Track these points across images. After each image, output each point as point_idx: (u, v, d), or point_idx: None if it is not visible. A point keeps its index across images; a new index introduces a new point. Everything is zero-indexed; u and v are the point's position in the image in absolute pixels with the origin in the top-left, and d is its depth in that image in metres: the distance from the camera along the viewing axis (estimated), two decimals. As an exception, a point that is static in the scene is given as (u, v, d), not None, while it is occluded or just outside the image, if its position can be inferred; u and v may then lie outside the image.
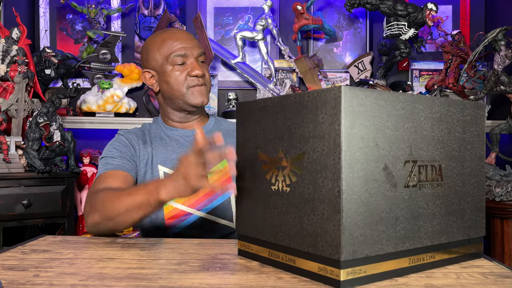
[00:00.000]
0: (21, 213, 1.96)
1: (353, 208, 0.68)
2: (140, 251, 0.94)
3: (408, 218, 0.76)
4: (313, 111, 0.72)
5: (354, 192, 0.68)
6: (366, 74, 2.67)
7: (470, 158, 0.87)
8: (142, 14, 2.77)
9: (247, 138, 0.87)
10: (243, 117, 0.88)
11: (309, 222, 0.72)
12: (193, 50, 1.27)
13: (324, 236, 0.70)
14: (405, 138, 0.76)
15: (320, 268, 0.72)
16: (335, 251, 0.68)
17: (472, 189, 0.88)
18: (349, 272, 0.69)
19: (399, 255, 0.76)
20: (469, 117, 0.87)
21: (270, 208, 0.81)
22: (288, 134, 0.77)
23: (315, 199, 0.71)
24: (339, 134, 0.67)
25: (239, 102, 0.89)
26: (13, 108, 2.07)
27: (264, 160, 0.82)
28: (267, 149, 0.81)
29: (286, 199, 0.77)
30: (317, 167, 0.71)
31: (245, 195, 0.87)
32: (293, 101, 0.76)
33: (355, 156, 0.69)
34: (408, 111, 0.76)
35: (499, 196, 1.99)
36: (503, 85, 2.19)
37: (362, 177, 0.70)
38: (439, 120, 0.81)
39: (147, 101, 2.66)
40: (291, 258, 0.78)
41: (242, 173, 0.88)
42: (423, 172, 0.78)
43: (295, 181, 0.75)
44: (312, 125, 0.72)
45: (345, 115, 0.68)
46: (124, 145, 1.26)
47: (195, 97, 1.27)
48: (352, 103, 0.69)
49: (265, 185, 0.82)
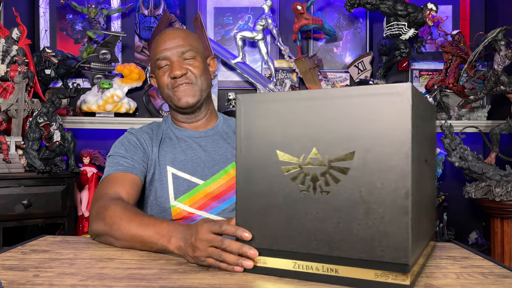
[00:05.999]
0: (21, 213, 1.96)
1: (415, 208, 0.66)
2: (140, 251, 0.94)
3: (422, 214, 0.76)
4: (364, 107, 0.67)
5: (414, 192, 0.66)
6: (366, 74, 2.67)
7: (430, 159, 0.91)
8: (142, 14, 2.77)
9: (256, 137, 0.76)
10: (248, 112, 0.77)
11: (360, 227, 0.67)
12: (175, 49, 1.25)
13: (384, 240, 0.65)
14: (423, 139, 0.75)
15: (378, 275, 0.66)
16: (401, 255, 0.64)
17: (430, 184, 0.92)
18: (411, 275, 0.66)
19: (420, 254, 0.75)
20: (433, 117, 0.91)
21: (298, 214, 0.72)
22: (325, 132, 0.69)
23: (371, 201, 0.66)
24: (408, 132, 0.64)
25: (242, 95, 0.78)
26: (13, 108, 2.07)
27: (287, 161, 0.73)
28: (291, 148, 0.72)
29: (325, 204, 0.70)
30: (373, 167, 0.66)
31: (253, 202, 0.76)
32: (332, 96, 0.70)
33: (414, 156, 0.66)
34: (420, 110, 0.74)
35: (499, 196, 1.99)
36: (503, 85, 2.19)
37: (416, 176, 0.67)
38: (424, 118, 0.83)
39: (147, 101, 2.66)
40: (332, 268, 0.70)
41: (246, 177, 0.77)
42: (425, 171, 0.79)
43: (340, 184, 0.68)
44: (363, 123, 0.67)
45: (412, 113, 0.64)
46: (134, 145, 1.24)
47: (179, 98, 1.25)
48: (414, 100, 0.65)
49: (289, 189, 0.73)
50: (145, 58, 2.75)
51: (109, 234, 0.99)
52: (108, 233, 0.99)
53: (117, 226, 0.97)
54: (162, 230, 0.90)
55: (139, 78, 2.60)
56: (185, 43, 1.26)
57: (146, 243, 0.92)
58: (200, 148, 1.28)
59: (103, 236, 1.02)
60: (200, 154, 1.26)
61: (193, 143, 1.29)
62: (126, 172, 1.17)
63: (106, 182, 1.16)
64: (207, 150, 1.28)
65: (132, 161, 1.20)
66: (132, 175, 1.18)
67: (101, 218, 1.02)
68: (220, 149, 1.28)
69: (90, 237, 1.09)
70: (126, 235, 0.95)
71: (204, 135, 1.31)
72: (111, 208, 1.02)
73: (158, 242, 0.89)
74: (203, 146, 1.28)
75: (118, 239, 0.97)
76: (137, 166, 1.20)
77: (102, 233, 1.01)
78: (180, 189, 1.21)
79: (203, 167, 1.24)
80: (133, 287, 0.70)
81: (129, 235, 0.95)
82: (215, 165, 1.25)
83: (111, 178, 1.16)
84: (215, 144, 1.30)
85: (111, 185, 1.14)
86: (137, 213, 1.00)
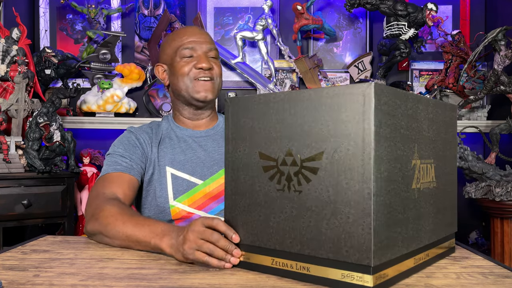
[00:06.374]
0: (21, 213, 1.96)
1: (381, 210, 0.65)
2: (140, 251, 0.94)
3: (415, 218, 0.75)
4: (334, 108, 0.67)
5: (381, 193, 0.65)
6: (366, 74, 2.67)
7: (449, 158, 0.89)
8: (142, 14, 2.77)
9: (241, 137, 0.79)
10: (235, 113, 0.80)
11: (328, 227, 0.67)
12: (202, 44, 1.27)
13: (349, 240, 0.65)
14: (413, 138, 0.74)
15: (344, 275, 0.66)
16: (364, 256, 0.64)
17: (451, 187, 0.89)
18: (377, 277, 0.65)
19: (408, 256, 0.74)
20: (448, 119, 0.88)
21: (275, 212, 0.74)
22: (300, 133, 0.71)
23: (337, 201, 0.66)
24: (370, 133, 0.63)
25: (230, 97, 0.83)
26: (13, 108, 2.07)
27: (266, 160, 0.75)
28: (270, 148, 0.75)
29: (298, 203, 0.71)
30: (339, 167, 0.66)
31: (238, 200, 0.80)
32: (307, 97, 0.70)
33: (381, 156, 0.65)
34: (414, 111, 0.75)
35: (499, 196, 1.99)
36: (503, 85, 2.19)
37: (386, 178, 0.66)
38: (432, 121, 0.81)
39: (147, 101, 2.66)
40: (304, 266, 0.71)
41: (233, 175, 0.80)
42: (423, 172, 0.78)
43: (310, 183, 0.69)
44: (333, 123, 0.67)
45: (375, 113, 0.64)
46: (133, 144, 1.24)
47: (198, 90, 1.25)
48: (380, 100, 0.65)
49: (267, 188, 0.75)
50: (145, 58, 2.75)
51: (104, 233, 1.00)
52: (103, 233, 1.00)
53: (112, 226, 0.98)
54: (156, 230, 0.92)
55: (139, 78, 2.60)
56: (211, 41, 1.30)
57: (140, 243, 0.93)
58: (200, 148, 1.28)
59: (98, 236, 1.03)
60: (200, 154, 1.26)
61: (193, 143, 1.28)
62: (123, 172, 1.17)
63: (103, 181, 1.16)
64: (207, 149, 1.28)
65: (131, 161, 1.20)
66: (130, 175, 1.18)
67: (95, 218, 1.03)
68: (220, 149, 1.28)
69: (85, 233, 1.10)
70: (121, 235, 0.96)
71: (204, 134, 1.31)
72: (107, 208, 1.03)
73: (151, 241, 0.91)
74: (203, 145, 1.28)
75: (113, 239, 0.98)
76: (135, 167, 1.20)
77: (96, 231, 1.02)
78: (179, 189, 1.21)
79: (202, 167, 1.24)
80: (133, 287, 0.70)
81: (124, 234, 0.96)
82: (214, 165, 1.25)
83: (108, 177, 1.17)
84: (215, 143, 1.29)
85: (108, 184, 1.14)
86: (133, 214, 1.02)
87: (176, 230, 0.89)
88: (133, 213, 1.02)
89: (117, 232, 0.97)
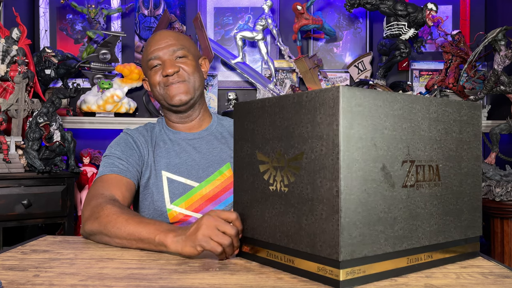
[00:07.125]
0: (21, 213, 1.96)
1: (351, 208, 0.68)
2: (140, 251, 0.94)
3: (406, 218, 0.76)
4: (311, 111, 0.73)
5: (353, 192, 0.69)
6: (366, 74, 2.67)
7: (467, 158, 0.87)
8: (142, 14, 2.77)
9: (245, 138, 0.86)
10: (240, 117, 0.88)
11: (307, 222, 0.72)
12: (166, 49, 1.25)
13: (322, 236, 0.70)
14: (403, 138, 0.76)
15: (319, 268, 0.72)
16: (333, 251, 0.68)
17: (469, 189, 0.88)
18: (348, 272, 0.69)
19: (397, 255, 0.76)
20: (465, 117, 0.87)
21: (269, 208, 0.80)
22: (287, 134, 0.77)
23: (314, 199, 0.71)
24: (338, 134, 0.68)
25: (236, 102, 0.89)
26: (13, 108, 2.07)
27: (262, 160, 0.82)
28: (265, 149, 0.81)
29: (285, 200, 0.77)
30: (315, 167, 0.71)
31: (243, 196, 0.87)
32: (292, 101, 0.76)
33: (354, 156, 0.69)
34: (405, 111, 0.77)
35: (499, 196, 1.99)
36: (503, 85, 2.19)
37: (361, 177, 0.70)
38: (436, 120, 0.82)
39: (147, 101, 2.66)
40: (290, 259, 0.77)
41: (239, 173, 0.88)
42: (421, 172, 0.78)
43: (294, 182, 0.75)
44: (311, 126, 0.72)
45: (343, 115, 0.68)
46: (130, 147, 1.24)
47: (171, 96, 1.24)
48: (350, 103, 0.69)
49: (263, 186, 0.82)
50: (145, 58, 2.75)
51: (104, 232, 0.99)
52: (102, 232, 0.99)
53: (113, 224, 0.97)
54: (161, 227, 0.92)
55: (139, 78, 2.60)
56: (176, 42, 1.27)
57: (143, 240, 0.93)
58: (194, 150, 1.27)
59: (97, 235, 1.01)
60: (195, 157, 1.26)
61: (187, 146, 1.28)
62: (120, 174, 1.17)
63: (101, 182, 1.15)
64: (201, 151, 1.27)
65: (127, 163, 1.20)
66: (127, 179, 1.17)
67: (95, 217, 1.02)
68: (215, 150, 1.28)
69: (81, 234, 1.08)
70: (123, 233, 0.95)
71: (198, 136, 1.30)
72: (108, 207, 1.02)
73: (156, 237, 0.90)
74: (197, 147, 1.28)
75: (113, 237, 0.97)
76: (132, 170, 1.19)
77: (96, 231, 1.01)
78: (176, 193, 1.21)
79: (197, 169, 1.24)
80: (133, 287, 0.70)
81: (126, 232, 0.95)
82: (209, 167, 1.25)
83: (106, 178, 1.16)
84: (209, 145, 1.29)
85: (106, 185, 1.13)
86: (136, 214, 1.02)
87: (182, 228, 0.90)
88: (136, 213, 1.03)
89: (118, 230, 0.96)
